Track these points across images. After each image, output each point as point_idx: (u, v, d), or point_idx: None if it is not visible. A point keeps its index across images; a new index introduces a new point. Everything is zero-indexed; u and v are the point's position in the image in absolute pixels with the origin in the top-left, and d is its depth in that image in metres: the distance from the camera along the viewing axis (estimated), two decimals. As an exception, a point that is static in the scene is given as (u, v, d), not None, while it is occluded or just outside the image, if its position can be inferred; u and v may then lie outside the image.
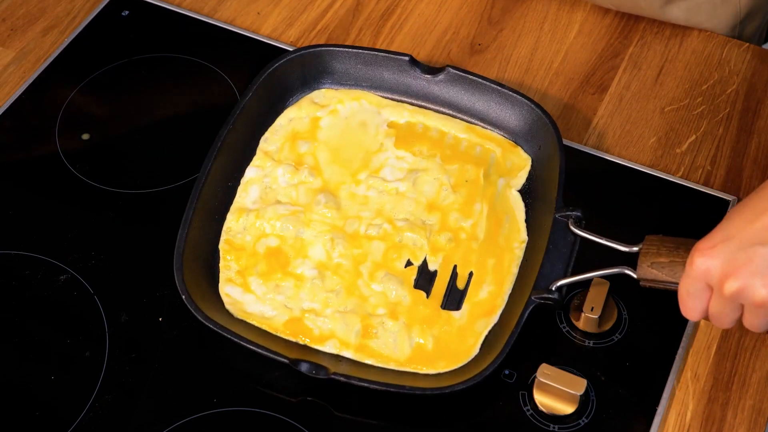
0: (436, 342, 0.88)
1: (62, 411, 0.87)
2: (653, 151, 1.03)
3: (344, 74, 1.03)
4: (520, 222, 0.95)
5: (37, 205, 1.01)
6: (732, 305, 0.75)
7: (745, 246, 0.73)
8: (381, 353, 0.88)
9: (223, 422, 0.86)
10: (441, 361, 0.87)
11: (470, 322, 0.89)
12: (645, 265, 0.82)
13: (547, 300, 0.86)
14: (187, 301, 0.87)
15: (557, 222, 0.89)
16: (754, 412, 0.86)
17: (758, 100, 1.07)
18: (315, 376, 0.84)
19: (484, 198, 0.96)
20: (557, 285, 0.86)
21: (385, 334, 0.89)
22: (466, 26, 1.15)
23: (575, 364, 0.87)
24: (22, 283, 0.95)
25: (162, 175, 1.02)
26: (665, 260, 0.81)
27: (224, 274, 0.93)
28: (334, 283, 0.92)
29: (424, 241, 0.93)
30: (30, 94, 1.09)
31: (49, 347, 0.91)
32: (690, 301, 0.78)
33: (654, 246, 0.82)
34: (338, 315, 0.90)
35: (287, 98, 1.03)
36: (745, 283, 0.73)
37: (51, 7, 1.17)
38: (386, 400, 0.87)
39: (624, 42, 1.12)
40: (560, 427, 0.85)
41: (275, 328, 0.89)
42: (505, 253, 0.93)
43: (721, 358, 0.89)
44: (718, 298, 0.76)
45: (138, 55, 1.12)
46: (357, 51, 1.02)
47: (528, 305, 0.86)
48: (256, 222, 0.95)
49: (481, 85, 1.00)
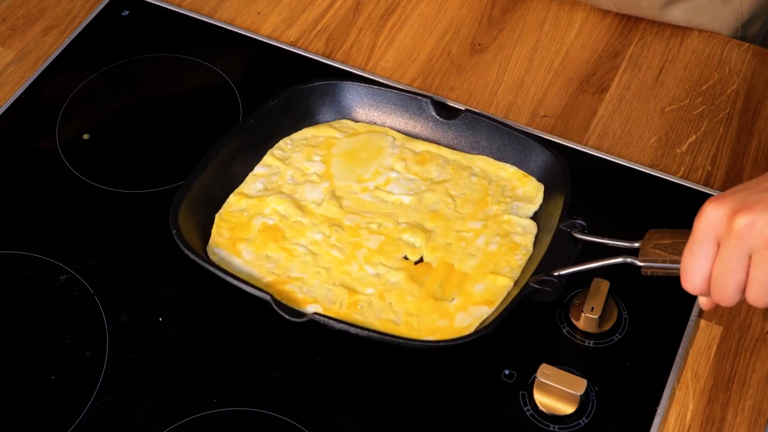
0: (424, 323, 0.88)
1: (62, 411, 0.87)
2: (653, 151, 1.03)
3: (364, 107, 1.03)
4: (528, 239, 0.94)
5: (37, 205, 1.01)
6: (739, 250, 0.72)
7: (757, 192, 0.72)
8: (365, 323, 0.88)
9: (223, 422, 0.86)
10: (430, 336, 0.87)
11: (463, 308, 0.89)
12: (648, 248, 0.81)
13: (545, 285, 0.84)
14: (177, 237, 0.88)
15: (560, 231, 0.89)
16: (754, 412, 0.86)
17: (758, 101, 1.07)
18: (294, 319, 0.84)
19: (490, 218, 0.95)
20: (557, 273, 0.85)
21: (371, 310, 0.89)
22: (467, 26, 1.15)
23: (575, 364, 0.87)
24: (22, 283, 0.95)
25: (162, 175, 1.02)
26: (669, 242, 0.80)
27: (214, 239, 0.93)
28: (326, 261, 0.92)
29: (423, 241, 0.93)
30: (30, 94, 1.09)
31: (49, 347, 0.91)
32: (694, 261, 0.75)
33: (657, 233, 0.82)
34: (325, 287, 0.90)
35: (309, 117, 1.03)
36: (757, 216, 0.70)
37: (51, 7, 1.17)
38: (385, 401, 0.87)
39: (624, 42, 1.12)
40: (560, 427, 0.85)
41: (259, 285, 0.89)
42: (505, 261, 0.92)
43: (721, 359, 0.89)
44: (725, 246, 0.73)
45: (138, 55, 1.12)
46: (378, 89, 1.02)
47: (525, 288, 0.85)
48: (258, 204, 0.95)
49: (496, 127, 1.00)
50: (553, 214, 0.92)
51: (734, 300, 0.74)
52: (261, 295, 0.85)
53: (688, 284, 0.76)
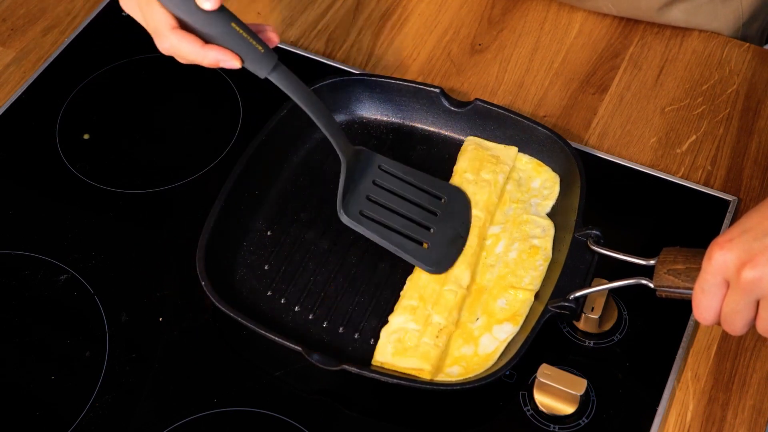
0: (450, 351, 0.88)
1: (62, 411, 0.87)
2: (653, 151, 1.03)
3: (376, 102, 1.04)
4: (547, 242, 0.94)
5: (37, 205, 1.01)
6: (747, 298, 0.74)
7: (762, 236, 0.73)
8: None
9: (223, 422, 0.86)
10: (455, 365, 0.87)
11: (488, 329, 0.89)
12: (662, 273, 0.81)
13: (563, 309, 0.86)
14: (206, 288, 0.88)
15: (576, 241, 0.89)
16: (755, 412, 0.86)
17: (758, 100, 1.07)
18: (325, 367, 0.84)
19: (508, 220, 0.95)
20: (574, 295, 0.86)
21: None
22: (467, 26, 1.15)
23: (575, 365, 0.87)
24: (22, 283, 0.95)
25: (162, 175, 1.02)
26: (681, 267, 0.81)
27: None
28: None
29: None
30: (30, 94, 1.09)
31: (49, 347, 0.91)
32: (705, 299, 0.76)
33: (671, 255, 0.82)
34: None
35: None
36: (763, 271, 0.72)
37: (51, 7, 1.17)
38: (388, 402, 0.87)
39: (624, 42, 1.12)
40: (560, 428, 0.85)
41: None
42: (525, 270, 0.92)
43: (721, 359, 0.89)
44: (734, 292, 0.75)
45: (138, 55, 1.12)
46: (389, 81, 1.03)
47: (544, 314, 0.86)
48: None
49: (505, 116, 1.00)
50: (567, 210, 0.93)
51: (744, 332, 0.77)
52: (294, 347, 0.85)
53: (699, 318, 0.78)
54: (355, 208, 0.92)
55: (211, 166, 1.02)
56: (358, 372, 0.84)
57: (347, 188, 0.92)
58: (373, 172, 0.95)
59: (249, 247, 0.95)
